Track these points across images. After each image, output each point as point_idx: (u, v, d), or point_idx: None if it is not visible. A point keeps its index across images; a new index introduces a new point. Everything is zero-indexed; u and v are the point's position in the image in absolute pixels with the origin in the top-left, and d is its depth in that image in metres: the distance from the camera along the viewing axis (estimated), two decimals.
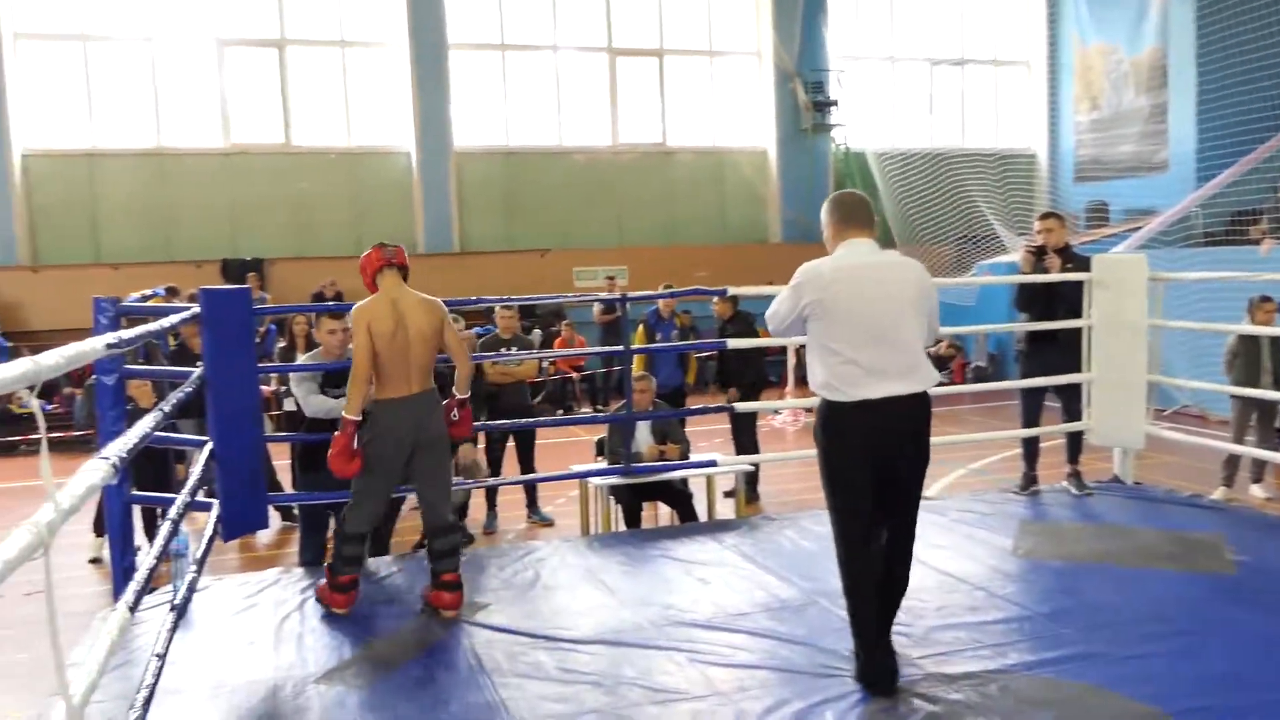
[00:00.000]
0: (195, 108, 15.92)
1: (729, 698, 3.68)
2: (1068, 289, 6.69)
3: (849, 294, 3.66)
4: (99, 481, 2.24)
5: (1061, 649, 4.02)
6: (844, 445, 3.71)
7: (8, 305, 14.47)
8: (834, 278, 3.69)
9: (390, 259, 4.73)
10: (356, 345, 4.54)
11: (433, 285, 4.77)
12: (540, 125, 17.56)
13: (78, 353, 2.29)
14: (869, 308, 3.66)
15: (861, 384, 3.62)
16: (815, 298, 3.68)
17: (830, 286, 3.67)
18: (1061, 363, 6.73)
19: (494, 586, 5.10)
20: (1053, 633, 4.21)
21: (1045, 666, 3.86)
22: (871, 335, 3.64)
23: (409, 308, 4.62)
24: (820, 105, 18.43)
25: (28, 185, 15.16)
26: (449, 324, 4.77)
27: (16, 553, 1.71)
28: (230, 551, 7.24)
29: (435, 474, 4.73)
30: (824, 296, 3.66)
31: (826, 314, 3.67)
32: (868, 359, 3.62)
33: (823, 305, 3.67)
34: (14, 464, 11.81)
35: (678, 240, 17.72)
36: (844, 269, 3.71)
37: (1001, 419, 12.04)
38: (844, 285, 3.67)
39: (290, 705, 3.77)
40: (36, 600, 5.93)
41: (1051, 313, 6.71)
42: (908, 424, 3.71)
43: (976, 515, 6.20)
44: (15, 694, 4.82)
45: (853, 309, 3.65)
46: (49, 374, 1.90)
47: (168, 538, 3.83)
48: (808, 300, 3.69)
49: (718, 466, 6.70)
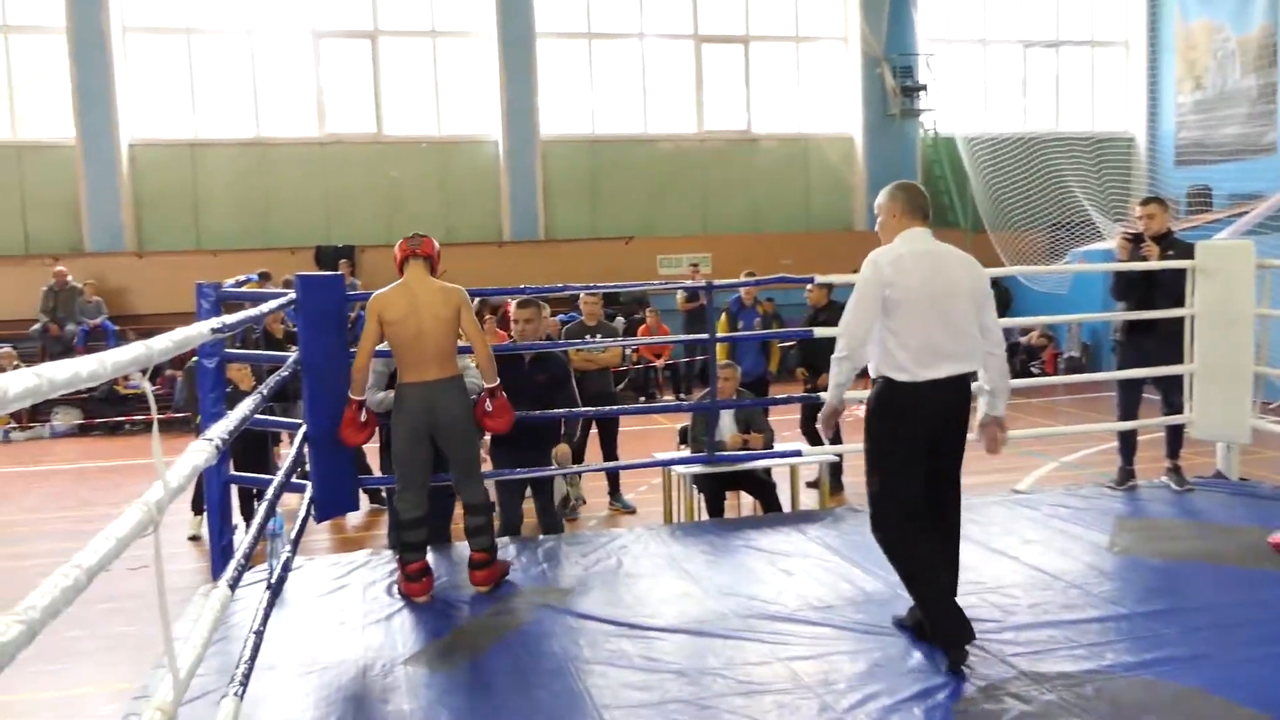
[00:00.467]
0: (292, 98, 16.33)
1: (814, 691, 3.65)
2: (1168, 277, 6.46)
3: (917, 281, 3.83)
4: (204, 462, 2.31)
5: (1162, 650, 3.89)
6: (908, 423, 3.89)
7: (115, 290, 15.04)
8: (903, 266, 3.85)
9: (414, 250, 4.88)
10: (364, 331, 4.78)
11: (517, 273, 4.85)
12: (625, 113, 17.58)
13: (185, 337, 2.36)
14: (933, 292, 3.84)
15: (930, 364, 3.83)
16: (889, 287, 3.83)
17: (900, 275, 3.83)
18: (1160, 353, 6.51)
19: (577, 573, 5.14)
20: (1152, 633, 4.08)
21: (1144, 668, 3.74)
22: (938, 319, 3.83)
23: (424, 296, 4.75)
24: (908, 90, 18.09)
25: (135, 174, 15.73)
26: (466, 311, 4.81)
27: (129, 529, 1.77)
28: (321, 532, 7.43)
29: (457, 456, 4.88)
30: (895, 284, 3.83)
31: (898, 301, 3.83)
32: (935, 341, 3.82)
33: (895, 292, 3.83)
34: (120, 443, 12.30)
35: (762, 228, 17.59)
36: (909, 256, 3.88)
37: (1096, 411, 11.70)
38: (912, 273, 3.84)
39: (379, 685, 3.86)
40: (142, 575, 6.16)
41: (1150, 302, 6.49)
42: (964, 400, 3.97)
43: (1071, 510, 6.03)
44: (123, 665, 5.02)
45: (920, 295, 3.82)
46: (160, 357, 1.97)
47: (265, 517, 3.94)
48: (884, 294, 3.84)
49: (802, 456, 6.64)
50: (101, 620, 5.49)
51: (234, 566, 3.05)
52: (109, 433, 12.90)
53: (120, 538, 1.75)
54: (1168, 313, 6.45)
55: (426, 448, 4.85)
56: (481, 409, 4.92)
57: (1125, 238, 6.68)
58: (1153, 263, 6.42)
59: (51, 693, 4.68)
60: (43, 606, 1.41)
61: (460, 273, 12.39)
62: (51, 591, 1.46)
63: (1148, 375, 6.58)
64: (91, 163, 15.30)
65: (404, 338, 4.71)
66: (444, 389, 4.77)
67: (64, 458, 11.59)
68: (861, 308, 3.89)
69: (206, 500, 5.24)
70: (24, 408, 1.45)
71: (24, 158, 15.42)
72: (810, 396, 7.01)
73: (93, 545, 1.71)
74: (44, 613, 1.41)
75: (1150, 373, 6.55)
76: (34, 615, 1.38)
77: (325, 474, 5.20)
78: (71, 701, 4.67)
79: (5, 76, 15.44)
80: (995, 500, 6.40)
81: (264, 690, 3.72)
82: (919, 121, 18.51)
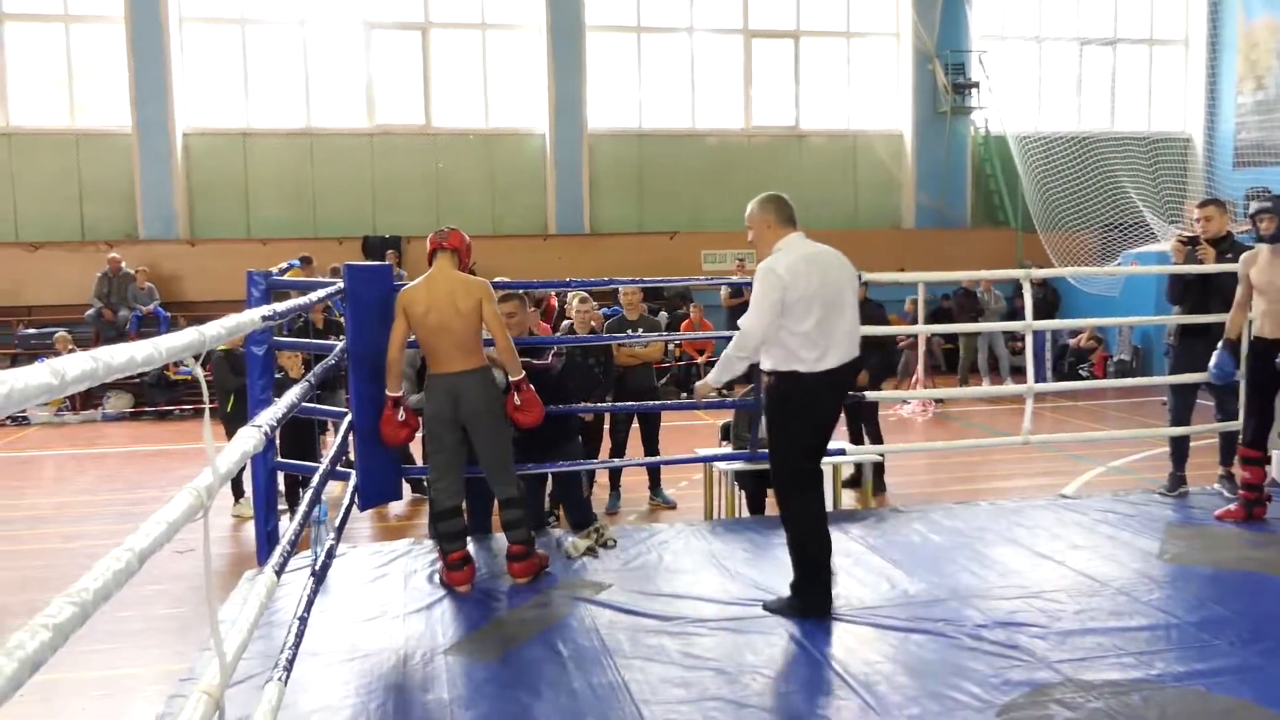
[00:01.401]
0: (342, 89, 16.49)
1: (855, 691, 3.61)
2: (1225, 280, 6.31)
3: (807, 281, 4.25)
4: (252, 449, 2.33)
5: (1213, 661, 3.81)
6: (808, 409, 4.37)
7: (167, 277, 15.29)
8: (797, 270, 4.25)
9: (441, 242, 4.89)
10: (394, 325, 4.83)
11: (562, 266, 4.85)
12: (673, 107, 17.54)
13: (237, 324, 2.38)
14: (825, 292, 4.28)
15: (825, 357, 4.28)
16: (787, 290, 4.22)
17: (796, 279, 4.23)
18: None
19: (616, 567, 5.14)
20: (1203, 643, 4.00)
21: (1194, 678, 3.66)
22: (829, 315, 4.28)
23: (446, 288, 4.76)
24: (960, 87, 17.86)
25: (188, 163, 15.98)
26: (488, 304, 4.80)
27: (180, 514, 1.79)
28: (363, 520, 7.50)
29: (484, 449, 4.91)
30: (792, 287, 4.22)
31: (794, 303, 4.23)
32: (828, 335, 4.28)
33: (792, 294, 4.23)
34: (170, 427, 12.51)
35: (808, 224, 16.95)
36: (800, 262, 4.29)
37: (1145, 416, 11.50)
38: (806, 276, 4.26)
39: (420, 674, 3.88)
40: (188, 558, 6.27)
41: (1206, 306, 6.35)
42: (850, 383, 4.54)
43: (1119, 516, 5.93)
44: (167, 647, 5.10)
45: (815, 295, 4.25)
46: (213, 344, 1.99)
47: (310, 505, 3.98)
48: (783, 296, 4.22)
49: (845, 455, 6.59)
50: (148, 602, 5.59)
51: (280, 553, 3.08)
52: (159, 417, 13.12)
53: (171, 522, 1.77)
54: (1223, 317, 6.30)
55: (457, 437, 4.88)
56: (511, 403, 4.92)
57: (1180, 240, 6.55)
58: (1208, 266, 6.28)
59: (99, 672, 4.76)
60: (95, 589, 1.43)
61: (505, 265, 12.50)
62: (104, 574, 1.48)
63: (1199, 380, 6.44)
64: (147, 151, 15.57)
65: (428, 330, 4.76)
66: (468, 380, 4.79)
67: (115, 441, 11.82)
68: (765, 312, 4.24)
69: (253, 486, 5.31)
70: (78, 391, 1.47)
71: (82, 146, 15.72)
72: (854, 396, 6.93)
73: (144, 529, 1.73)
74: (96, 595, 1.43)
75: (1204, 378, 6.40)
76: (87, 597, 1.39)
77: (369, 463, 5.24)
78: (118, 681, 4.75)
79: (65, 65, 15.74)
80: (1042, 504, 6.31)
81: (306, 676, 3.77)
82: (970, 119, 18.28)
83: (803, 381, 4.29)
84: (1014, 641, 4.02)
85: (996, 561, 5.10)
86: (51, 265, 15.05)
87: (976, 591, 4.65)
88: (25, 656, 1.21)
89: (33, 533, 7.46)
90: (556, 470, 5.80)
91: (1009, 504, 6.36)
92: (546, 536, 5.69)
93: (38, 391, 1.26)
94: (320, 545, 4.73)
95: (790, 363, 4.30)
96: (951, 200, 18.25)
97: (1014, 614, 4.34)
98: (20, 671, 1.18)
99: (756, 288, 4.28)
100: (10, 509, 8.40)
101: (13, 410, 1.20)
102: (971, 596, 4.58)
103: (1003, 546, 5.36)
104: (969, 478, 8.72)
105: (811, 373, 4.27)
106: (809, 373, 4.27)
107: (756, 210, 4.48)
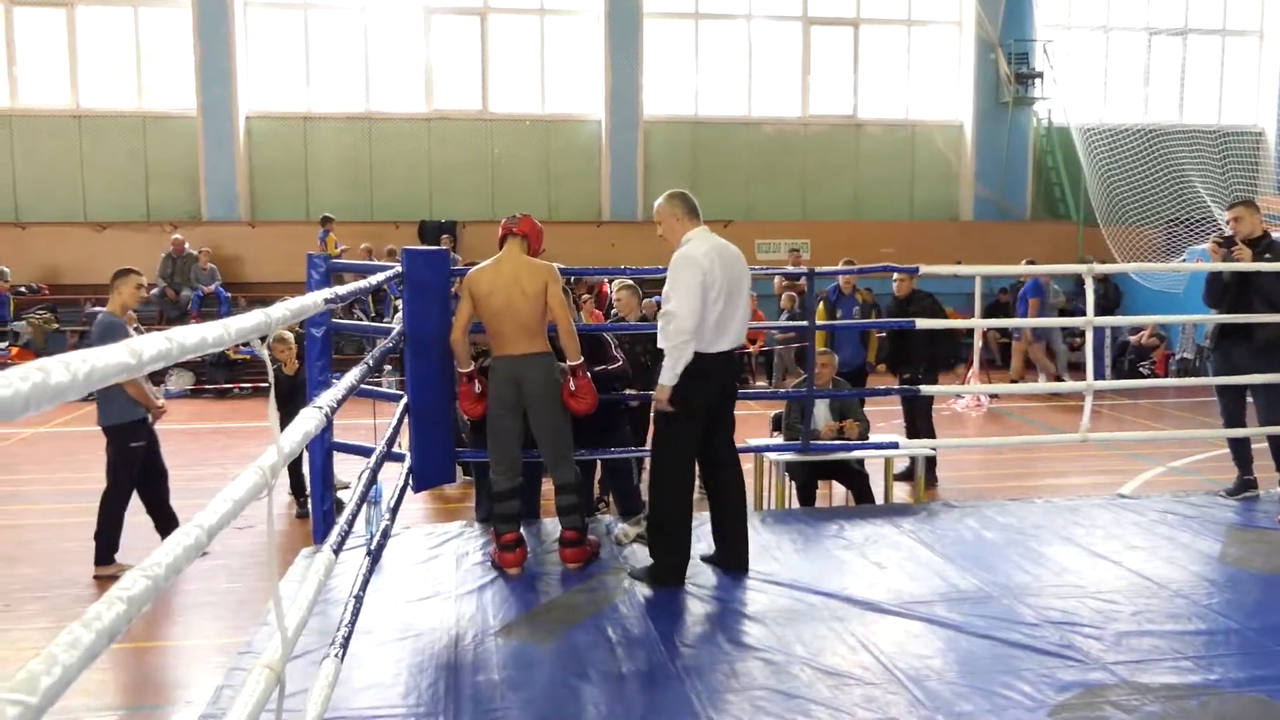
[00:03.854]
0: (401, 74, 16.65)
1: (904, 686, 3.59)
2: (1267, 282, 6.09)
3: (720, 269, 4.57)
4: (314, 429, 2.38)
5: (1274, 668, 3.72)
6: (701, 386, 4.61)
7: (229, 258, 15.59)
8: (713, 259, 4.56)
9: (511, 228, 4.93)
10: (459, 306, 4.93)
11: (615, 253, 4.89)
12: (729, 95, 17.46)
13: (301, 306, 2.43)
14: (730, 281, 4.62)
15: (719, 340, 4.61)
16: (707, 275, 4.51)
17: (713, 267, 4.54)
18: (1254, 363, 6.15)
19: None
20: (1265, 649, 3.91)
21: (1255, 685, 3.58)
22: (730, 302, 4.62)
23: (512, 272, 4.80)
24: (1023, 77, 17.56)
25: (250, 146, 16.25)
26: (554, 287, 4.82)
27: (245, 492, 1.83)
28: (415, 502, 7.59)
29: (544, 433, 4.94)
30: (710, 272, 4.52)
31: (709, 287, 4.53)
32: (724, 320, 4.60)
33: (709, 279, 4.52)
34: (229, 405, 12.77)
35: (863, 215, 17.31)
36: (714, 251, 4.61)
37: (1207, 415, 11.24)
38: (720, 265, 4.58)
39: (471, 654, 3.93)
40: (246, 534, 6.41)
41: (1245, 307, 6.15)
42: (738, 370, 4.96)
43: (1179, 518, 5.81)
44: (224, 620, 5.23)
45: (723, 282, 4.57)
46: (278, 325, 2.03)
47: (367, 485, 4.05)
48: (704, 280, 4.50)
49: (899, 449, 6.54)
50: (207, 576, 5.72)
51: (338, 532, 3.13)
52: (218, 395, 13.38)
53: (237, 499, 1.81)
54: (1266, 317, 6.10)
55: (516, 420, 4.91)
56: (566, 389, 4.94)
57: (1216, 241, 6.35)
58: (1245, 265, 6.08)
59: (160, 642, 4.89)
60: (167, 564, 1.47)
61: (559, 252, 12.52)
62: (175, 549, 1.52)
63: (1247, 383, 6.25)
64: (211, 134, 15.86)
65: (491, 312, 4.80)
66: (530, 364, 4.82)
67: (177, 418, 12.05)
68: (694, 297, 4.49)
69: (310, 466, 5.41)
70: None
71: (148, 128, 16.06)
72: (910, 389, 6.88)
73: (212, 506, 1.78)
74: (168, 569, 1.47)
75: (1249, 380, 6.22)
76: (159, 571, 1.44)
77: (424, 445, 5.30)
78: (180, 652, 4.88)
79: (134, 49, 16.08)
80: (1099, 503, 6.21)
81: (360, 653, 3.83)
82: (1032, 110, 17.99)
83: (701, 359, 4.56)
84: (1068, 641, 3.97)
85: (1051, 560, 5.04)
86: (118, 245, 15.41)
87: (1030, 589, 4.59)
88: (102, 628, 1.25)
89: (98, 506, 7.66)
90: (607, 457, 5.82)
91: (1064, 502, 6.26)
92: (596, 523, 5.72)
93: (117, 370, 1.29)
94: (375, 525, 4.80)
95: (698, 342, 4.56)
96: (1011, 192, 17.97)
97: (1068, 613, 4.27)
98: (98, 642, 1.23)
99: (680, 274, 4.54)
100: (77, 482, 8.63)
101: (93, 389, 1.24)
102: (1025, 594, 4.53)
103: (1057, 545, 5.29)
104: (1023, 474, 8.61)
105: (708, 352, 4.58)
106: (706, 352, 4.57)
107: (665, 205, 4.77)
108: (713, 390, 4.70)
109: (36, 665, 1.11)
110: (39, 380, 1.07)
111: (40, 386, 1.08)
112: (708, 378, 4.63)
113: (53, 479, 8.76)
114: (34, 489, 8.37)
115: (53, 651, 1.15)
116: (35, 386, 1.06)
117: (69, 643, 1.18)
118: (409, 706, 3.50)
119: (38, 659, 1.13)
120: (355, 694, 3.58)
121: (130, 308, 6.00)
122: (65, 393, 1.13)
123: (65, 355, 1.17)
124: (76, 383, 1.14)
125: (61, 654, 1.15)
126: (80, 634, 1.20)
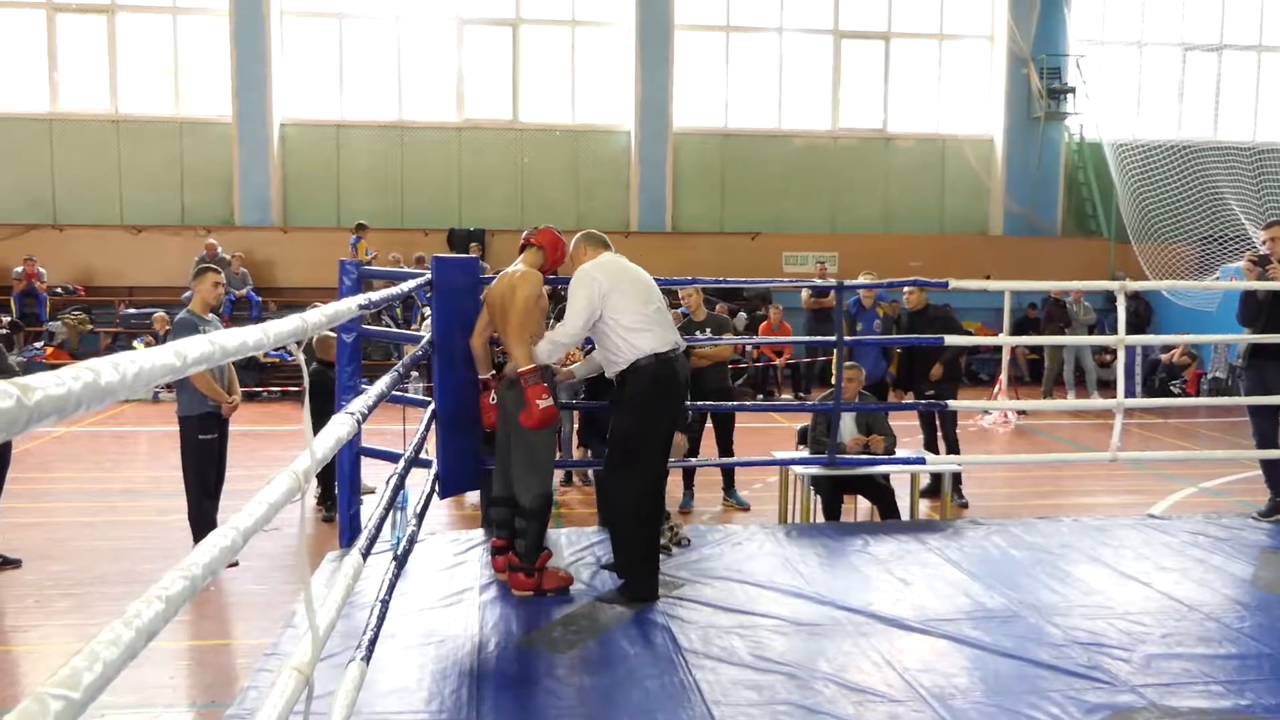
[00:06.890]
0: (433, 83, 16.79)
1: (928, 704, 3.57)
2: None
3: (627, 277, 4.67)
4: (346, 435, 2.40)
5: None
6: (677, 392, 4.71)
7: (261, 263, 15.75)
8: (608, 270, 4.65)
9: (528, 238, 4.94)
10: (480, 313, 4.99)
11: (643, 264, 4.87)
12: (760, 107, 17.47)
13: (336, 312, 2.46)
14: (642, 280, 4.72)
15: (666, 336, 4.66)
16: (607, 288, 4.57)
17: (611, 276, 4.61)
18: None
19: (689, 567, 5.14)
20: None
21: None
22: (653, 302, 4.69)
23: (509, 281, 4.74)
24: (1055, 92, 17.46)
25: (284, 152, 16.43)
26: (521, 290, 4.60)
27: (279, 495, 1.86)
28: (441, 508, 7.62)
29: (515, 451, 4.71)
30: (614, 284, 4.59)
31: (620, 295, 4.58)
32: (658, 318, 4.67)
33: (615, 290, 4.58)
34: (258, 409, 12.88)
35: (892, 228, 17.26)
36: (609, 263, 4.71)
37: (1239, 436, 11.10)
38: (621, 273, 4.68)
39: (494, 661, 3.95)
40: (271, 537, 6.46)
41: (1278, 328, 6.10)
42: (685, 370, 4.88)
43: (1210, 540, 5.75)
44: (250, 621, 5.27)
45: (634, 286, 4.65)
46: (314, 331, 2.06)
47: (394, 491, 4.07)
48: (602, 292, 4.56)
49: (926, 464, 6.51)
50: (233, 578, 5.77)
51: (366, 536, 3.16)
52: (248, 398, 13.47)
53: (271, 503, 1.84)
54: None
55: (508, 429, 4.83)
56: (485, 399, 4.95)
57: (1251, 260, 6.31)
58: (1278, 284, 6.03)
59: (187, 642, 4.94)
60: (203, 564, 1.50)
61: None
62: (212, 551, 1.55)
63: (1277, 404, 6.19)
64: (246, 140, 16.05)
65: (490, 320, 4.88)
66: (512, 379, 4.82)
67: None
68: (585, 312, 4.55)
69: (338, 471, 5.45)
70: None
71: (185, 134, 16.27)
72: (938, 403, 6.84)
73: (247, 509, 1.80)
74: (205, 569, 1.49)
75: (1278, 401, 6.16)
76: (196, 572, 1.46)
77: (450, 452, 5.33)
78: (206, 651, 4.92)
79: (172, 56, 16.31)
80: (1128, 524, 6.15)
81: (384, 657, 3.85)
82: (1064, 125, 17.88)
83: (673, 364, 4.64)
84: (1095, 662, 3.93)
85: (1079, 579, 4.99)
86: (152, 248, 15.62)
87: (1057, 609, 4.56)
88: (142, 626, 1.27)
89: (129, 504, 7.76)
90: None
91: (1093, 521, 6.21)
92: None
93: (162, 372, 1.32)
94: (401, 530, 4.83)
95: (654, 345, 4.60)
96: (1042, 208, 17.86)
97: (1096, 634, 4.24)
98: (137, 640, 1.25)
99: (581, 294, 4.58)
100: (107, 481, 8.75)
101: (140, 390, 1.26)
102: (1052, 614, 4.49)
103: (1085, 564, 5.24)
104: (1050, 492, 8.54)
105: (674, 351, 4.66)
106: (668, 351, 4.63)
107: (579, 242, 4.91)
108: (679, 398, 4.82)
109: (79, 661, 1.13)
110: (90, 380, 1.10)
111: (91, 386, 1.10)
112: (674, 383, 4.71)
113: (85, 478, 8.87)
114: (66, 487, 8.48)
115: (94, 648, 1.18)
116: (86, 386, 1.09)
117: (110, 640, 1.20)
118: (432, 712, 3.51)
119: (80, 655, 1.16)
120: (379, 698, 3.60)
121: (211, 304, 6.07)
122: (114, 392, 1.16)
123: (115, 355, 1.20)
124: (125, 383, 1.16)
125: (103, 651, 1.17)
126: (121, 631, 1.23)
